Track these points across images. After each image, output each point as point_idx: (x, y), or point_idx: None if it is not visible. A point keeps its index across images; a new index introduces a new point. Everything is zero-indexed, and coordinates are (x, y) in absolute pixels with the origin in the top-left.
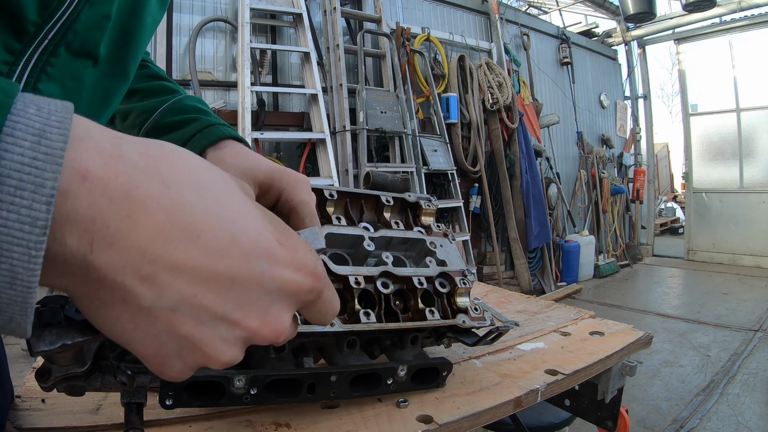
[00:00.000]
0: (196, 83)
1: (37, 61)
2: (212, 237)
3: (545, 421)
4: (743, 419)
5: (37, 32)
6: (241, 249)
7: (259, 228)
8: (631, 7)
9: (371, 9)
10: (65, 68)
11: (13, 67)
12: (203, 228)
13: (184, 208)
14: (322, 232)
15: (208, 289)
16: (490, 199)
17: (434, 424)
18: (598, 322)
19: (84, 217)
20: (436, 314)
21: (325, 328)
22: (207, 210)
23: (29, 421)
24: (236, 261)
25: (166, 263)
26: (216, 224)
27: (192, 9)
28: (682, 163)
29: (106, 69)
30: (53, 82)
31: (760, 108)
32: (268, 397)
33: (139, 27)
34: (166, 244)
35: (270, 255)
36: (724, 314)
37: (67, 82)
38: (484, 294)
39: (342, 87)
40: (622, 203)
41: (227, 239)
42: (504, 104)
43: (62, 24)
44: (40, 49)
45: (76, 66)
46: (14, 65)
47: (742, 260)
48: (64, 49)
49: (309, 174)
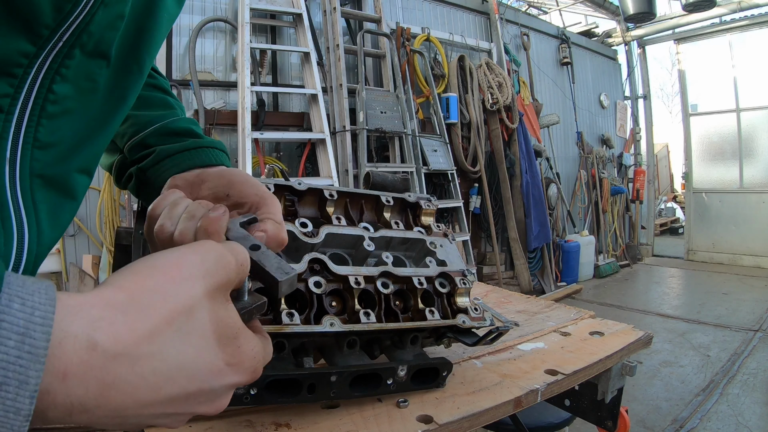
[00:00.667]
0: (196, 83)
1: (52, 63)
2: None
3: (545, 421)
4: (743, 419)
5: (51, 35)
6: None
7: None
8: (631, 7)
9: (371, 9)
10: (80, 69)
11: (27, 69)
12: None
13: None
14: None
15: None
16: (490, 199)
17: (434, 424)
18: (598, 322)
19: (63, 404)
20: (436, 314)
21: (325, 328)
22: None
23: None
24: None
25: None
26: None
27: (192, 9)
28: (682, 163)
29: (121, 66)
30: (68, 83)
31: (760, 108)
32: (268, 397)
33: (155, 23)
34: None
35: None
36: (724, 314)
37: (81, 83)
38: (484, 294)
39: (342, 87)
40: (622, 203)
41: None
42: (504, 104)
43: (77, 26)
44: (54, 52)
45: (90, 66)
46: (28, 68)
47: (741, 260)
48: (78, 50)
49: (309, 174)
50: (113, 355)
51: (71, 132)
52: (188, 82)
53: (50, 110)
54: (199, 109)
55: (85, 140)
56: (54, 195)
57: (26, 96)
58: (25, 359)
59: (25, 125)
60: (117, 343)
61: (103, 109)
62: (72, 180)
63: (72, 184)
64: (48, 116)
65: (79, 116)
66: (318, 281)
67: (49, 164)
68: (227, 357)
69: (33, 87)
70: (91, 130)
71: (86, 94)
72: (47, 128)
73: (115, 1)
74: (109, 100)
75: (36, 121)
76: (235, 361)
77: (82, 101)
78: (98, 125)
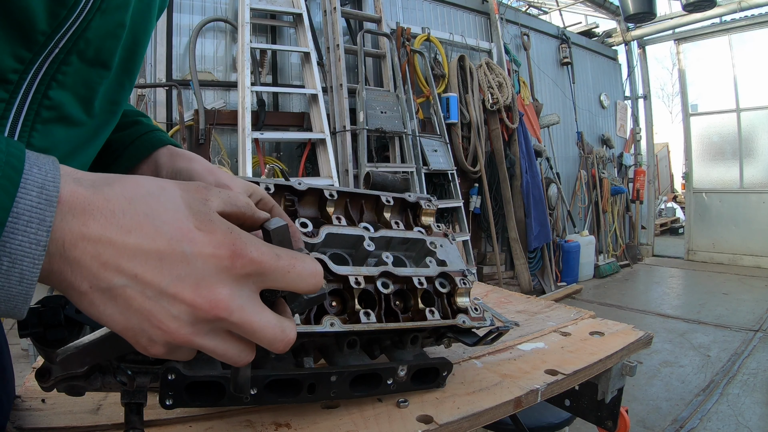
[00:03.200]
0: (196, 83)
1: (48, 69)
2: (140, 230)
3: (545, 421)
4: (743, 419)
5: (47, 41)
6: (164, 235)
7: (181, 219)
8: (631, 7)
9: (371, 9)
10: (78, 76)
11: (23, 75)
12: (133, 225)
13: (118, 213)
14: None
15: (145, 268)
16: (490, 199)
17: (434, 424)
18: (598, 322)
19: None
20: (436, 314)
21: (325, 328)
22: (135, 212)
23: (29, 421)
24: (161, 244)
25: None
26: (143, 221)
27: (192, 9)
28: (682, 163)
29: (117, 75)
30: (65, 90)
31: (760, 108)
32: (268, 397)
33: (145, 33)
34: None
35: (190, 238)
36: (724, 314)
37: (80, 91)
38: (484, 294)
39: (342, 87)
40: (622, 203)
41: (152, 229)
42: (504, 104)
43: (73, 33)
44: (51, 58)
45: (90, 75)
46: (24, 73)
47: (742, 260)
48: (76, 57)
49: (309, 174)
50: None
51: (66, 139)
52: (188, 82)
53: (45, 116)
54: (199, 108)
55: (77, 149)
56: None
57: (21, 101)
58: (44, 204)
59: (19, 130)
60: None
61: (98, 118)
62: None
63: None
64: (42, 121)
65: (74, 124)
66: None
67: None
68: (197, 222)
69: (29, 92)
70: (84, 140)
71: (84, 102)
72: (41, 133)
73: (113, 9)
74: (104, 106)
75: (30, 125)
76: (205, 228)
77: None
78: (91, 135)
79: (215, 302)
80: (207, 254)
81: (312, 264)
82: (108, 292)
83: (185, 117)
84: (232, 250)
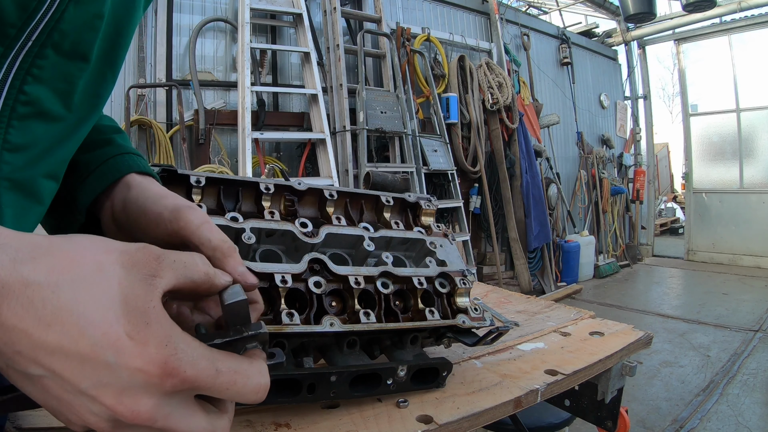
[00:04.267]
0: (196, 83)
1: (22, 63)
2: (61, 327)
3: (545, 421)
4: (743, 419)
5: (18, 34)
6: (88, 339)
7: (110, 322)
8: (631, 7)
9: (371, 9)
10: (55, 70)
11: None
12: (53, 319)
13: (37, 303)
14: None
15: (63, 366)
16: (490, 199)
17: (434, 424)
18: (598, 322)
19: None
20: (436, 314)
21: (325, 328)
22: (58, 305)
23: (29, 421)
24: (84, 347)
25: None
26: (65, 317)
27: (192, 9)
28: (682, 164)
29: (98, 68)
30: (42, 85)
31: (760, 108)
32: (267, 397)
33: (129, 25)
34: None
35: (117, 347)
36: (724, 314)
37: (58, 85)
38: (484, 294)
39: (342, 87)
40: (622, 203)
41: (75, 330)
42: (504, 104)
43: (45, 24)
44: (24, 51)
45: (68, 68)
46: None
47: (741, 260)
48: (51, 50)
49: (309, 174)
50: (12, 263)
51: (45, 135)
52: (188, 82)
53: (21, 111)
54: (199, 108)
55: (57, 144)
56: (21, 198)
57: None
58: None
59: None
60: (16, 260)
61: (78, 112)
62: (39, 184)
63: (39, 188)
64: (19, 117)
65: (53, 119)
66: (318, 281)
67: (18, 168)
68: (129, 327)
69: (2, 88)
70: (64, 135)
71: (62, 96)
72: (18, 130)
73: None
74: (84, 102)
75: (6, 122)
76: (138, 336)
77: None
78: (71, 129)
79: (137, 413)
80: (134, 368)
81: (257, 378)
82: (25, 375)
83: (185, 117)
84: (164, 369)
